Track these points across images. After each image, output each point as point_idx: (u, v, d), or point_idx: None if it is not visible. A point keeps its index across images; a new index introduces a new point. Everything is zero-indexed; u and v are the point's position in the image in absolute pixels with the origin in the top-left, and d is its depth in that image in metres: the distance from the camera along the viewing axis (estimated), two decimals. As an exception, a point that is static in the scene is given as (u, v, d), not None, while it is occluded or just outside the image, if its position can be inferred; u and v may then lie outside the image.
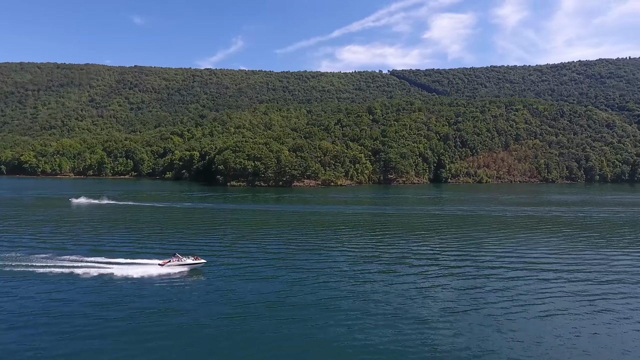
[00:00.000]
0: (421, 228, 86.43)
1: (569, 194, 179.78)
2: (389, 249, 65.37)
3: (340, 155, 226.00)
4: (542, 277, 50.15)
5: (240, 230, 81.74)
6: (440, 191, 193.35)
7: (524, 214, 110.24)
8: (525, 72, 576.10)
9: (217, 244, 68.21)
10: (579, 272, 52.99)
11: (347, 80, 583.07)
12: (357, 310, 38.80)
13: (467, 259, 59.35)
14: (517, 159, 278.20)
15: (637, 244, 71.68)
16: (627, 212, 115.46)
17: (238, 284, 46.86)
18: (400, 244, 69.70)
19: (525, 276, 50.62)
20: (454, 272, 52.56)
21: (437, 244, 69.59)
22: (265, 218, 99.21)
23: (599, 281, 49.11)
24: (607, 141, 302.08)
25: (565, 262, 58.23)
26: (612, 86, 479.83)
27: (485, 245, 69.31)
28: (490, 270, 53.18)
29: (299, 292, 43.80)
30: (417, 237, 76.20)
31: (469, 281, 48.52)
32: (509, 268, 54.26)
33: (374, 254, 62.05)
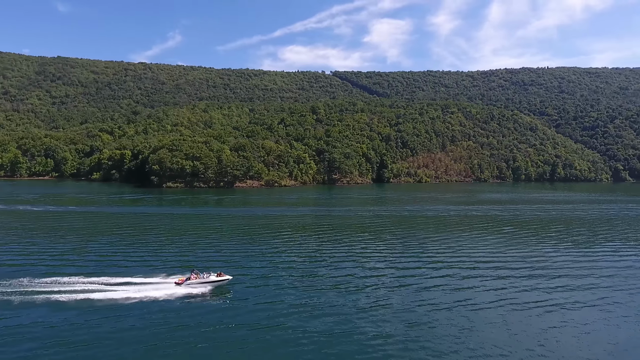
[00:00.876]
0: (369, 229, 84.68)
1: (501, 193, 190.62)
2: (336, 251, 62.24)
3: (284, 155, 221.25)
4: (485, 274, 49.75)
5: (174, 237, 74.35)
6: (384, 191, 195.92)
7: (465, 212, 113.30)
8: (458, 77, 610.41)
9: (145, 254, 60.71)
10: (517, 268, 53.54)
11: (290, 80, 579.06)
12: (301, 323, 34.80)
13: (412, 258, 58.07)
14: (453, 160, 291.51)
15: (567, 240, 75.18)
16: (554, 210, 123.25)
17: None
18: (349, 245, 66.97)
19: (474, 274, 49.89)
20: (402, 272, 50.59)
21: (386, 245, 67.86)
22: (206, 222, 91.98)
23: (533, 276, 49.67)
24: (531, 143, 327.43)
25: (504, 259, 58.97)
26: (533, 93, 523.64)
27: (431, 244, 68.77)
28: (435, 269, 52.00)
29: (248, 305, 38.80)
30: (364, 238, 74.05)
31: (415, 279, 46.75)
32: (453, 266, 53.46)
33: (322, 258, 58.50)
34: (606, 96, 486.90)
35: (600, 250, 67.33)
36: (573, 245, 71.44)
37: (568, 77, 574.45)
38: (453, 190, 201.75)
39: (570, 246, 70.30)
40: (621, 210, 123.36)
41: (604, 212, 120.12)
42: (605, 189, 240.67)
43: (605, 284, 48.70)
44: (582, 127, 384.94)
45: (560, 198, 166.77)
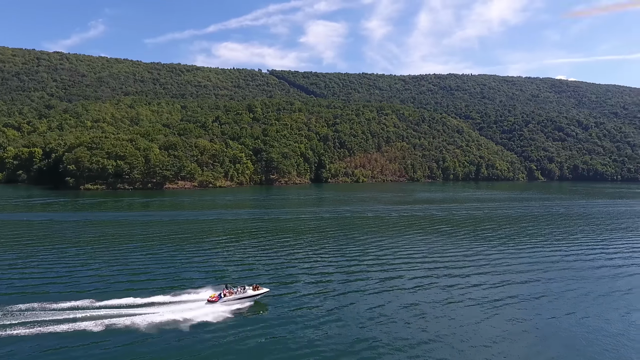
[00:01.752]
0: (310, 231, 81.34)
1: (434, 192, 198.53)
2: (277, 256, 57.99)
3: (219, 154, 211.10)
4: (427, 273, 48.78)
5: (97, 244, 64.98)
6: (323, 191, 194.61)
7: (404, 212, 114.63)
8: (391, 80, 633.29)
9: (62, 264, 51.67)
10: (457, 267, 53.49)
11: (226, 77, 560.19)
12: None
13: (356, 260, 55.80)
14: (388, 160, 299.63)
15: (499, 238, 77.97)
16: (485, 208, 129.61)
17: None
18: (289, 249, 62.99)
19: (418, 274, 48.57)
20: (347, 275, 47.84)
21: (329, 247, 64.95)
22: (127, 230, 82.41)
23: (472, 274, 49.80)
24: (458, 145, 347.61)
25: (444, 257, 59.08)
26: (459, 97, 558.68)
27: (374, 245, 67.20)
28: (372, 270, 50.03)
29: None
30: (307, 240, 70.55)
31: (363, 282, 44.27)
32: (398, 267, 52.00)
33: (259, 266, 53.87)
34: (521, 102, 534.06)
35: (529, 246, 70.30)
36: (505, 242, 74.03)
37: (489, 84, 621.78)
38: (389, 190, 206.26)
39: (503, 243, 72.71)
40: (543, 208, 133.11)
41: (528, 209, 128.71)
42: (523, 187, 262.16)
43: (537, 277, 49.92)
44: (501, 130, 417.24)
45: (487, 196, 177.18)
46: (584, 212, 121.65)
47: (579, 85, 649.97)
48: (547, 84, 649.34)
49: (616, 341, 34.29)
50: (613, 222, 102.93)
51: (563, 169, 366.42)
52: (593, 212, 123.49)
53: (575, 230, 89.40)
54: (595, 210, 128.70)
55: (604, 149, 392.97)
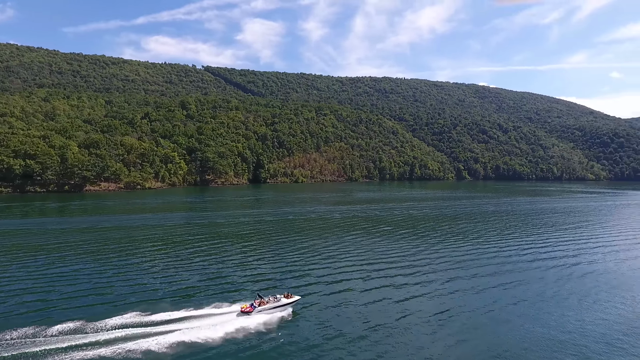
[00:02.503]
0: (248, 235, 76.49)
1: (372, 191, 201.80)
2: (217, 262, 52.82)
3: (148, 153, 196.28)
4: (373, 275, 46.98)
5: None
6: (262, 192, 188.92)
7: (345, 213, 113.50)
8: (329, 81, 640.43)
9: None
10: (398, 266, 52.50)
11: (156, 72, 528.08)
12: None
13: (297, 264, 52.45)
14: (327, 160, 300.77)
15: (438, 236, 79.23)
16: (421, 207, 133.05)
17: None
18: (229, 256, 57.97)
19: (363, 276, 46.49)
20: (290, 278, 44.34)
21: (269, 252, 60.88)
22: (35, 240, 71.49)
23: (416, 272, 49.03)
24: (394, 145, 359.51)
25: (384, 257, 57.88)
26: (393, 100, 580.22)
27: (314, 247, 64.37)
28: (317, 274, 47.31)
29: None
30: (243, 245, 65.80)
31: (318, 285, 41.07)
32: (344, 269, 49.65)
33: (208, 270, 48.45)
34: (449, 106, 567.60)
35: (466, 243, 71.85)
36: (444, 240, 75.13)
37: (420, 88, 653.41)
38: (329, 190, 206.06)
39: (441, 241, 73.67)
40: (475, 206, 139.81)
41: (461, 208, 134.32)
42: (452, 186, 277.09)
43: (474, 272, 50.32)
44: (432, 132, 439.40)
45: (421, 195, 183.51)
46: (511, 210, 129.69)
47: (499, 92, 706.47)
48: (472, 90, 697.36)
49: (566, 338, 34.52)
50: (540, 218, 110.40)
51: (487, 169, 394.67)
52: (520, 209, 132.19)
53: (506, 226, 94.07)
54: (522, 207, 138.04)
55: (521, 150, 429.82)
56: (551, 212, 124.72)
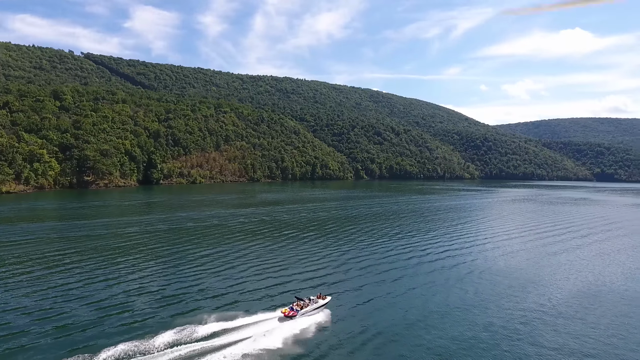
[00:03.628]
0: (134, 248, 65.55)
1: (276, 192, 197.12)
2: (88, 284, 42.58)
3: (6, 150, 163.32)
4: (278, 282, 42.47)
5: None
6: (154, 194, 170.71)
7: (250, 216, 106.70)
8: (229, 78, 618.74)
9: None
10: (307, 271, 49.00)
11: (22, 55, 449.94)
12: None
13: (191, 280, 45.37)
14: (227, 159, 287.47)
15: (344, 237, 77.90)
16: (324, 208, 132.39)
17: None
18: (115, 274, 47.71)
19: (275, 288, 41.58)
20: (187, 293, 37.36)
21: (161, 266, 51.99)
22: None
23: (325, 274, 46.05)
24: (296, 145, 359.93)
25: (293, 263, 53.93)
26: (294, 101, 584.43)
27: (214, 258, 57.32)
28: (217, 292, 41.28)
29: None
30: (130, 262, 55.55)
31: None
32: (248, 279, 44.12)
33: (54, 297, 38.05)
34: (347, 109, 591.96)
35: (371, 242, 71.45)
36: (350, 240, 73.86)
37: (320, 90, 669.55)
38: (231, 191, 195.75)
39: (349, 242, 72.21)
40: (379, 206, 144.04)
41: (363, 207, 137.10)
42: (352, 185, 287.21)
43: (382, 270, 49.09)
44: (332, 133, 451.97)
45: (324, 195, 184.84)
46: (411, 208, 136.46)
47: (390, 97, 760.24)
48: (367, 94, 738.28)
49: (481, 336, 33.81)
50: (434, 215, 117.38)
51: (382, 168, 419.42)
52: (419, 207, 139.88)
53: (406, 223, 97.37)
54: (420, 205, 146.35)
55: (411, 152, 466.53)
56: (445, 210, 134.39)
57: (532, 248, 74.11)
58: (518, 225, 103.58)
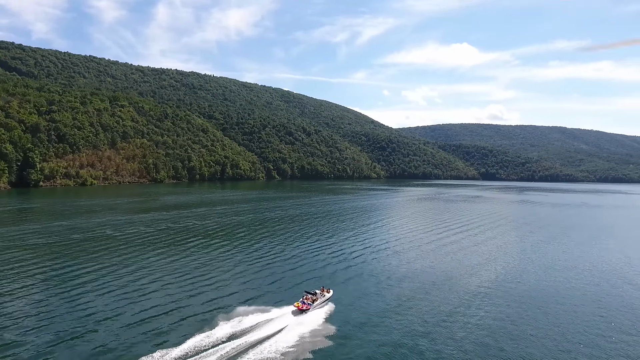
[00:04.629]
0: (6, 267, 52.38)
1: (182, 194, 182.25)
2: None
3: None
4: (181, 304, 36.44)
5: None
6: (30, 199, 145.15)
7: (150, 224, 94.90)
8: (127, 69, 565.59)
9: None
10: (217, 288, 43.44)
11: None
12: None
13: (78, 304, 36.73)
14: (125, 158, 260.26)
15: (258, 244, 72.72)
16: (235, 212, 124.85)
17: None
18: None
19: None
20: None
21: (36, 290, 41.36)
22: None
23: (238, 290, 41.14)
24: (204, 144, 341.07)
25: (200, 278, 47.65)
26: (202, 97, 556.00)
27: (107, 277, 48.05)
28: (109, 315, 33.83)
29: None
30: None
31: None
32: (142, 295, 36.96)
33: None
34: (258, 108, 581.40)
35: (288, 246, 67.56)
36: (264, 245, 68.96)
37: (230, 87, 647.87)
38: (128, 194, 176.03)
39: (260, 248, 67.22)
40: (295, 208, 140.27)
41: (277, 210, 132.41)
42: (264, 186, 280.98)
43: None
44: (243, 132, 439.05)
45: (235, 197, 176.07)
46: (326, 210, 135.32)
47: (301, 97, 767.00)
48: (278, 94, 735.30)
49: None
50: (346, 215, 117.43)
51: (294, 168, 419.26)
52: (333, 208, 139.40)
53: (321, 225, 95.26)
54: (334, 206, 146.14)
55: (321, 152, 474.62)
56: (360, 210, 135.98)
57: (442, 245, 76.86)
58: (430, 222, 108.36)
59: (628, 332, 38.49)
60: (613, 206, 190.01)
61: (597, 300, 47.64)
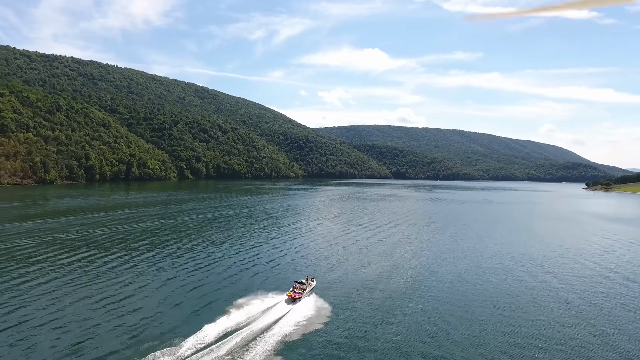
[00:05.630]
0: None
1: (76, 197, 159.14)
2: None
3: None
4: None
5: None
6: None
7: (31, 235, 79.02)
8: (9, 54, 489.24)
9: None
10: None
11: None
12: None
13: None
14: (4, 156, 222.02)
15: (160, 260, 63.92)
16: (139, 217, 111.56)
17: None
18: None
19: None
20: None
21: None
22: None
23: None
24: (105, 141, 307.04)
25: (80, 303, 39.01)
26: (104, 89, 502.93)
27: None
28: None
29: None
30: None
31: None
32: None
33: None
34: (169, 103, 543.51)
35: (189, 258, 60.13)
36: (170, 262, 60.53)
37: (137, 79, 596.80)
38: (7, 198, 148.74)
39: (165, 266, 58.83)
40: (203, 210, 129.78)
41: (199, 213, 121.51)
42: (175, 186, 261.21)
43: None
44: (151, 128, 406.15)
45: (141, 200, 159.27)
46: (243, 212, 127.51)
47: (217, 94, 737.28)
48: (192, 89, 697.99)
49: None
50: (269, 217, 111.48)
51: (209, 167, 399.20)
52: (252, 211, 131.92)
53: (238, 229, 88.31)
54: (254, 208, 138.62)
55: (238, 151, 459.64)
56: (279, 211, 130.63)
57: (369, 244, 75.45)
58: (353, 221, 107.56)
59: (534, 314, 39.72)
60: (513, 202, 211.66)
61: (510, 292, 48.96)
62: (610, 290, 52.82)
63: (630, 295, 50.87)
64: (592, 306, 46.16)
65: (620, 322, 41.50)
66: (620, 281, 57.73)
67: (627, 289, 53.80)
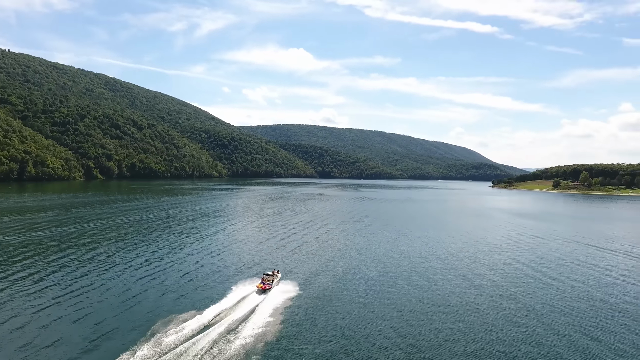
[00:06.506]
0: None
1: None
2: None
3: None
4: None
5: None
6: None
7: None
8: None
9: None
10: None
11: None
12: None
13: None
14: None
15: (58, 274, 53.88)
16: (33, 227, 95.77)
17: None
18: None
19: None
20: None
21: None
22: None
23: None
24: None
25: None
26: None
27: None
28: None
29: None
30: None
31: None
32: None
33: None
34: (75, 95, 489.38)
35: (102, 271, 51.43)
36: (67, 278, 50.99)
37: (34, 67, 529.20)
38: None
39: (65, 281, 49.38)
40: (111, 215, 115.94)
41: (108, 219, 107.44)
42: (81, 187, 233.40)
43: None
44: (52, 122, 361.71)
45: (37, 204, 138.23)
46: (156, 217, 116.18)
47: (131, 87, 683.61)
48: (102, 80, 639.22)
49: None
50: (191, 222, 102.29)
51: (122, 166, 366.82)
52: (169, 215, 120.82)
53: (154, 234, 78.98)
54: (170, 212, 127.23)
55: (156, 149, 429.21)
56: (198, 215, 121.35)
57: (303, 243, 71.52)
58: (283, 221, 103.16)
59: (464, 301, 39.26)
60: (433, 200, 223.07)
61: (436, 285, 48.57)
62: (521, 281, 56.37)
63: (540, 284, 53.65)
64: (510, 299, 47.30)
65: (536, 312, 42.81)
66: (529, 272, 61.55)
67: (537, 280, 57.09)
